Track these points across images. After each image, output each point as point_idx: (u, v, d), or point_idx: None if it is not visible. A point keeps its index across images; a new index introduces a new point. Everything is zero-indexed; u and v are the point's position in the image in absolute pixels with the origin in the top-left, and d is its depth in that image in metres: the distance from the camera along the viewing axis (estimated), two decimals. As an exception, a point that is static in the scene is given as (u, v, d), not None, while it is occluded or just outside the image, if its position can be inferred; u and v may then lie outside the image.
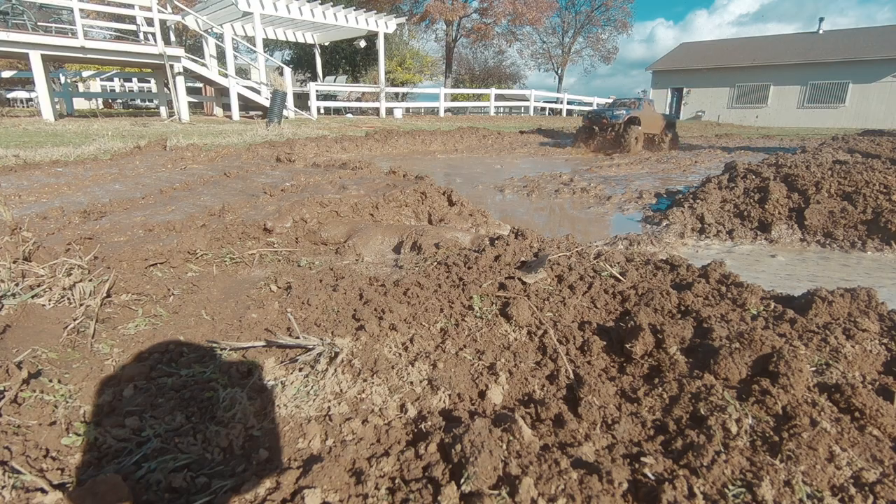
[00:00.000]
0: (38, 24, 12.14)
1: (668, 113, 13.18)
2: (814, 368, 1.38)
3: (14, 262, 1.91)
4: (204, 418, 1.28)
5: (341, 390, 1.36)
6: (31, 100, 19.67)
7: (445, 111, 20.58)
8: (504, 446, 1.05)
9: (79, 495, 0.96)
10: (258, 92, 14.53)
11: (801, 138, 15.76)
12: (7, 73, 15.89)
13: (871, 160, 5.00)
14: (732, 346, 1.41)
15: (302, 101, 16.92)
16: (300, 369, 1.47)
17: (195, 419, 1.28)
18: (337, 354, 1.49)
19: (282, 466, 1.10)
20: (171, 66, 12.62)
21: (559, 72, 40.04)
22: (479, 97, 26.82)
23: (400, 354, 1.53)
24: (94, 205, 3.28)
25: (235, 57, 15.26)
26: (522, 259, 2.33)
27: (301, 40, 20.35)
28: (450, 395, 1.35)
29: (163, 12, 13.28)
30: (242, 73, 17.08)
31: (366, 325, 1.64)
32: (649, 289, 1.91)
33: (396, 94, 24.63)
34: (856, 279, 2.91)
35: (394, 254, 2.73)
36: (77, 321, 1.66)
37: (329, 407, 1.30)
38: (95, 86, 22.42)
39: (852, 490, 0.97)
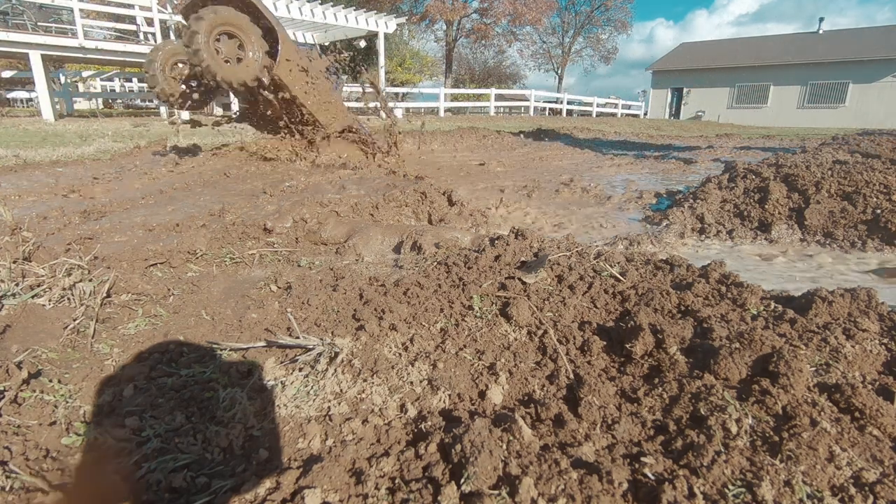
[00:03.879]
0: (38, 24, 12.15)
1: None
2: (814, 368, 1.38)
3: (14, 262, 1.91)
4: (204, 418, 1.28)
5: (341, 390, 1.36)
6: (31, 100, 19.67)
7: (445, 111, 20.58)
8: (504, 446, 1.05)
9: (79, 495, 0.96)
10: (258, 92, 14.51)
11: (802, 138, 15.74)
12: (7, 73, 15.89)
13: (871, 160, 5.00)
14: (732, 346, 1.41)
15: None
16: (300, 369, 1.47)
17: (195, 419, 1.28)
18: (337, 354, 1.49)
19: (282, 466, 1.10)
20: (171, 66, 12.61)
21: (559, 72, 40.05)
22: (479, 97, 26.82)
23: (400, 354, 1.53)
24: (94, 205, 3.28)
25: (235, 57, 15.24)
26: (522, 259, 2.33)
27: (301, 40, 20.33)
28: (450, 395, 1.35)
29: (163, 12, 13.28)
30: (242, 73, 17.04)
31: (366, 325, 1.64)
32: (649, 289, 1.91)
33: (396, 95, 24.64)
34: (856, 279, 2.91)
35: (394, 254, 2.73)
36: (77, 321, 1.66)
37: (329, 407, 1.30)
38: (95, 86, 22.42)
39: (852, 490, 0.97)
